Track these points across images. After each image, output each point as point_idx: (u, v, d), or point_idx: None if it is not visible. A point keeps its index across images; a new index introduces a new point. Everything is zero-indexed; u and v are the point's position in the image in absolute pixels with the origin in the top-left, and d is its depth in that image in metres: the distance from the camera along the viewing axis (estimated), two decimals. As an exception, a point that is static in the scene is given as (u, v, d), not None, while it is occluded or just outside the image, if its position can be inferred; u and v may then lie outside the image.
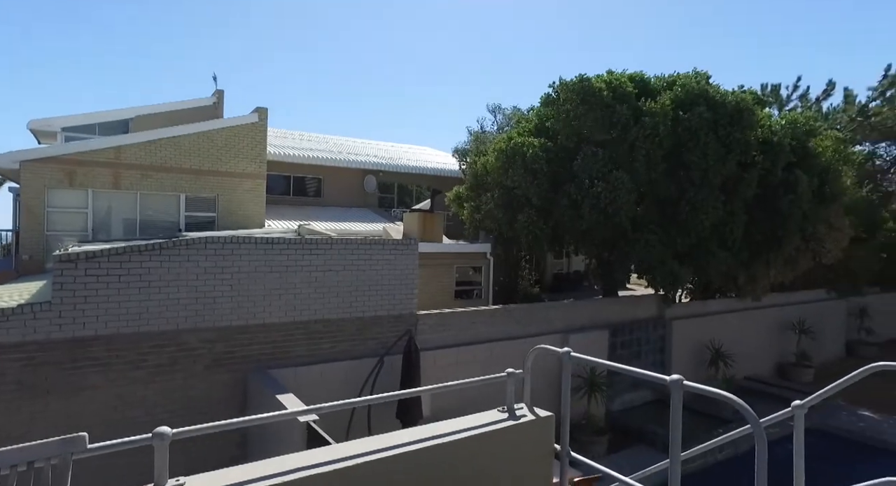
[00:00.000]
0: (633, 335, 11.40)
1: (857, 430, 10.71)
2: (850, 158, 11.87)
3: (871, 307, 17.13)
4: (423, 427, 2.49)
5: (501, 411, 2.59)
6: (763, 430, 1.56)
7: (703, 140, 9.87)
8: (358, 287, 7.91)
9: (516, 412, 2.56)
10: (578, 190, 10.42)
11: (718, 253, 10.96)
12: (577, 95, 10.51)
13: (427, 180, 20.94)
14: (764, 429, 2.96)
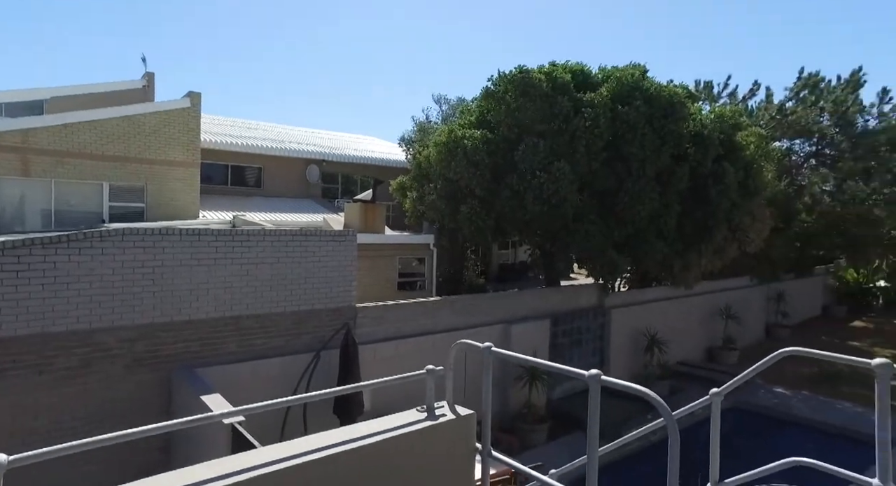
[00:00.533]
0: (574, 324, 11.66)
1: (771, 406, 11.47)
2: (770, 154, 12.59)
3: (787, 292, 18.37)
4: (343, 429, 2.36)
5: (420, 410, 2.48)
6: (675, 422, 1.51)
7: (640, 132, 10.15)
8: (293, 280, 7.62)
9: (436, 412, 2.46)
10: (521, 181, 10.48)
11: (655, 243, 11.36)
12: (517, 86, 10.55)
13: (373, 171, 20.60)
14: (690, 412, 3.02)
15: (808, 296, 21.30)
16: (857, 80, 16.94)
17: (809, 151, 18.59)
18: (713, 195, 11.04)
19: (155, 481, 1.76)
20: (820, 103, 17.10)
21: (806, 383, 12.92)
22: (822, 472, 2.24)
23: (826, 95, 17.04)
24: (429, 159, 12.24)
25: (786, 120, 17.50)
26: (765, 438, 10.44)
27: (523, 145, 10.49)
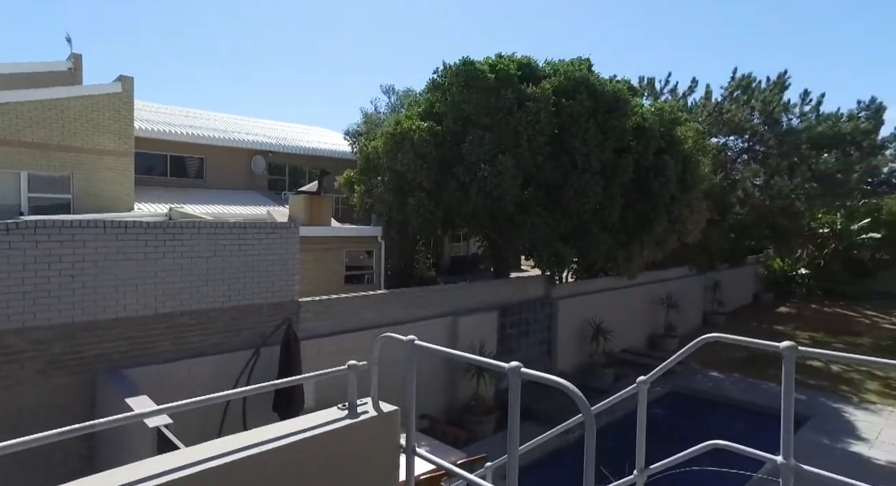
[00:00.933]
0: (522, 315, 11.80)
1: (706, 389, 12.06)
2: (706, 148, 13.14)
3: (723, 281, 19.36)
4: (263, 429, 2.25)
5: (342, 408, 2.38)
6: (592, 417, 1.48)
7: (583, 126, 10.32)
8: (231, 274, 7.30)
9: (357, 409, 2.36)
10: (467, 173, 10.48)
11: (599, 234, 11.62)
12: (462, 78, 10.52)
13: (322, 162, 20.10)
14: (624, 398, 3.04)
15: (741, 284, 22.51)
16: (783, 82, 17.94)
17: (742, 147, 19.55)
18: (655, 188, 11.40)
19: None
20: (751, 103, 18.00)
21: (737, 366, 13.64)
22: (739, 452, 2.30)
23: (756, 95, 17.95)
24: (377, 151, 12.05)
25: (721, 117, 18.33)
26: (700, 419, 10.96)
27: (469, 138, 10.48)
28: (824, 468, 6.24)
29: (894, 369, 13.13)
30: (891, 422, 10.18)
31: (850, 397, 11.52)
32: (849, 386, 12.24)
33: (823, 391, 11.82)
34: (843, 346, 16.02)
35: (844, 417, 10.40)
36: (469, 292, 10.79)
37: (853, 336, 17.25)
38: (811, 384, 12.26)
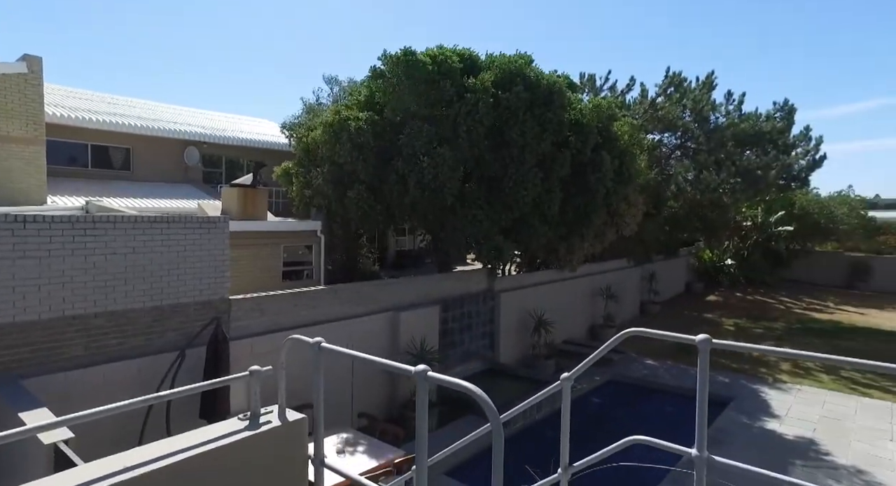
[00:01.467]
0: (464, 309, 11.79)
1: (642, 376, 12.54)
2: (642, 143, 13.59)
3: (658, 272, 20.22)
4: (163, 442, 2.03)
5: (243, 418, 2.19)
6: (501, 426, 1.38)
7: (521, 119, 10.38)
8: (153, 272, 6.81)
9: (260, 419, 2.18)
10: (406, 165, 10.32)
11: (539, 227, 11.77)
12: (402, 68, 10.33)
13: (261, 154, 19.31)
14: (549, 395, 3.00)
15: (675, 275, 23.61)
16: (711, 82, 18.86)
17: (676, 143, 20.42)
18: (592, 182, 11.65)
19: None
20: (683, 101, 18.79)
21: (670, 354, 14.26)
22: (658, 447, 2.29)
23: (688, 94, 18.76)
24: (315, 142, 11.66)
25: (656, 114, 19.04)
26: (636, 406, 11.36)
27: (408, 129, 10.32)
28: (743, 444, 6.57)
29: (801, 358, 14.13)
30: (798, 399, 10.97)
31: (766, 378, 12.31)
32: (766, 368, 13.09)
33: (744, 374, 12.57)
34: (762, 330, 17.12)
35: (761, 397, 11.09)
36: (411, 286, 10.66)
37: (770, 321, 18.48)
38: (734, 368, 13.01)
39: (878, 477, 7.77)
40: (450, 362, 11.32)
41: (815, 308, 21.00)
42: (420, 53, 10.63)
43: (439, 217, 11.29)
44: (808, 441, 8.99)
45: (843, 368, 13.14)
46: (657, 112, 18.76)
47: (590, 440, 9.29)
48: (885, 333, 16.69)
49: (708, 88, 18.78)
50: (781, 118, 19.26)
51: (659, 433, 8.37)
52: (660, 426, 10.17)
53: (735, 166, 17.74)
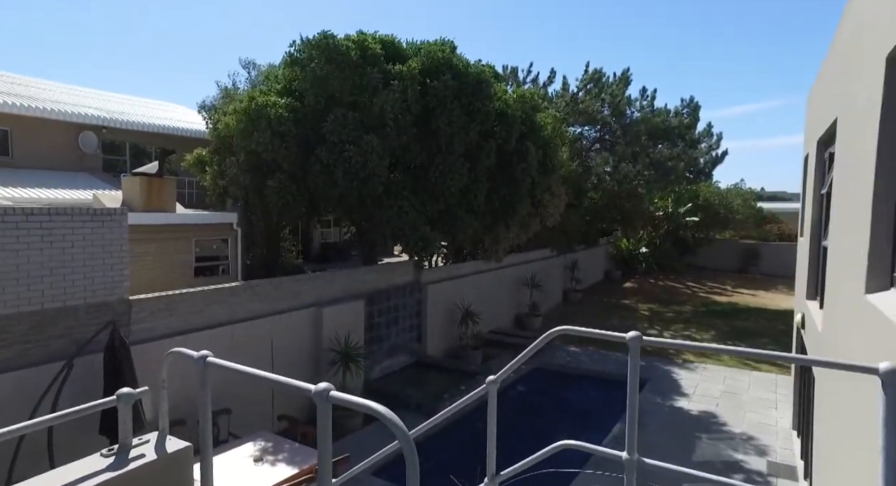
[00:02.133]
0: (390, 302, 11.55)
1: (566, 363, 12.95)
2: (564, 135, 13.93)
3: (580, 261, 21.01)
4: None
5: (107, 453, 1.81)
6: (414, 448, 1.16)
7: (449, 107, 10.24)
8: (31, 272, 5.99)
9: (131, 453, 1.80)
10: (330, 155, 9.86)
11: (466, 218, 11.72)
12: (323, 53, 9.83)
13: (173, 142, 17.81)
14: (469, 400, 2.85)
15: (595, 263, 24.67)
16: (627, 78, 19.74)
17: (595, 136, 21.22)
18: (517, 172, 11.76)
19: None
20: (602, 95, 19.54)
21: (592, 340, 14.83)
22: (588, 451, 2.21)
23: (606, 89, 19.53)
24: (228, 128, 10.85)
25: (577, 108, 19.67)
26: (562, 392, 11.70)
27: (332, 117, 9.85)
28: (659, 424, 6.81)
29: (722, 353, 15.19)
30: (704, 377, 11.83)
31: (675, 359, 13.14)
32: (674, 349, 13.96)
33: (658, 357, 13.34)
34: (673, 314, 18.30)
35: (672, 377, 11.82)
36: (334, 280, 10.25)
37: (679, 305, 19.81)
38: (649, 351, 13.76)
39: (764, 441, 8.59)
40: (376, 356, 11.06)
41: (717, 292, 22.78)
42: (340, 38, 10.17)
43: (366, 208, 10.93)
44: (712, 415, 9.68)
45: (740, 346, 14.31)
46: (578, 106, 19.37)
47: (518, 430, 9.42)
48: (771, 311, 18.43)
49: (624, 84, 19.64)
50: (688, 115, 20.57)
51: (584, 417, 8.61)
52: (585, 411, 10.55)
53: (649, 158, 18.73)
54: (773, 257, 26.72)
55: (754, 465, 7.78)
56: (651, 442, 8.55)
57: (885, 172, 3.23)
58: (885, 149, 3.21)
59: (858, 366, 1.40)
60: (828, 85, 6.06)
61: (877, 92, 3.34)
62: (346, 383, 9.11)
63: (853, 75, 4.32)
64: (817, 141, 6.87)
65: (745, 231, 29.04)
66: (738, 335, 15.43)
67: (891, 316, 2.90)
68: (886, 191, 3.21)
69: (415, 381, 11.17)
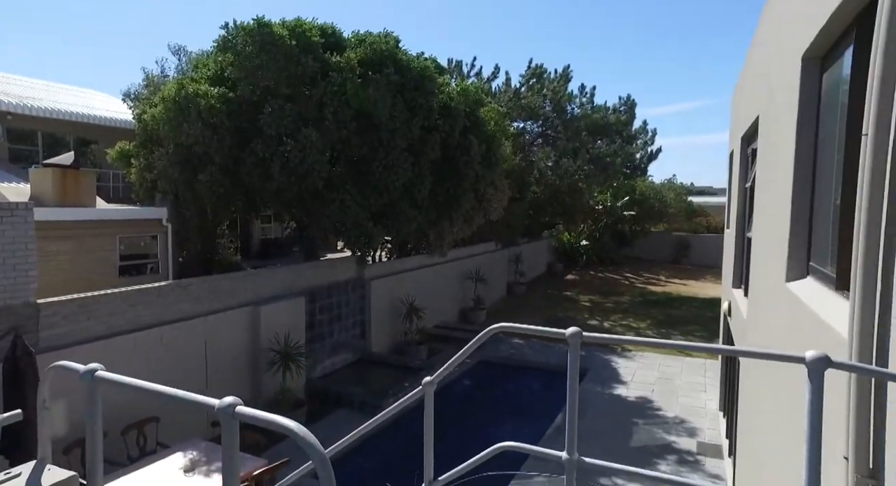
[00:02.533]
0: (333, 299, 11.27)
1: (509, 355, 13.13)
2: (506, 129, 14.05)
3: (523, 254, 21.38)
4: None
5: None
6: (329, 467, 1.04)
7: (390, 102, 10.04)
8: (-80, 275, 5.34)
9: None
10: (266, 148, 9.45)
11: (409, 212, 11.59)
12: (257, 40, 9.37)
13: (93, 132, 16.55)
14: (405, 401, 2.73)
15: (539, 256, 25.19)
16: (567, 74, 20.20)
17: (538, 131, 21.60)
18: (461, 166, 11.74)
19: None
20: (543, 91, 19.88)
21: (535, 331, 15.13)
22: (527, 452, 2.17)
23: (547, 85, 19.89)
24: (156, 119, 10.16)
25: (520, 103, 19.92)
26: (506, 385, 11.84)
27: (268, 108, 9.42)
28: (598, 412, 6.98)
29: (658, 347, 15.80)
30: (641, 365, 12.33)
31: (615, 348, 13.62)
32: (616, 339, 14.49)
33: (598, 346, 13.76)
34: (612, 305, 18.99)
35: (612, 365, 12.25)
36: (273, 277, 9.86)
37: (618, 296, 20.59)
38: (590, 342, 14.19)
39: (694, 424, 9.06)
40: (318, 355, 10.77)
41: (652, 282, 23.85)
42: (275, 25, 9.73)
43: (306, 203, 10.57)
44: (648, 401, 10.10)
45: (673, 333, 15.05)
46: (521, 101, 19.62)
47: (464, 425, 9.45)
48: (701, 300, 19.51)
49: (565, 81, 20.08)
50: (625, 112, 21.32)
51: (528, 408, 8.69)
52: (529, 402, 10.73)
53: (589, 154, 19.25)
54: (702, 248, 28.27)
55: (685, 446, 8.17)
56: (592, 429, 8.80)
57: (801, 168, 3.40)
58: (802, 146, 3.37)
59: (787, 355, 1.41)
60: (749, 84, 6.38)
61: (794, 90, 3.50)
62: (286, 383, 8.80)
63: (772, 75, 4.54)
64: (741, 138, 7.24)
65: (678, 224, 30.55)
66: (672, 323, 16.20)
67: (807, 302, 3.05)
68: (803, 186, 3.38)
69: (359, 378, 10.97)
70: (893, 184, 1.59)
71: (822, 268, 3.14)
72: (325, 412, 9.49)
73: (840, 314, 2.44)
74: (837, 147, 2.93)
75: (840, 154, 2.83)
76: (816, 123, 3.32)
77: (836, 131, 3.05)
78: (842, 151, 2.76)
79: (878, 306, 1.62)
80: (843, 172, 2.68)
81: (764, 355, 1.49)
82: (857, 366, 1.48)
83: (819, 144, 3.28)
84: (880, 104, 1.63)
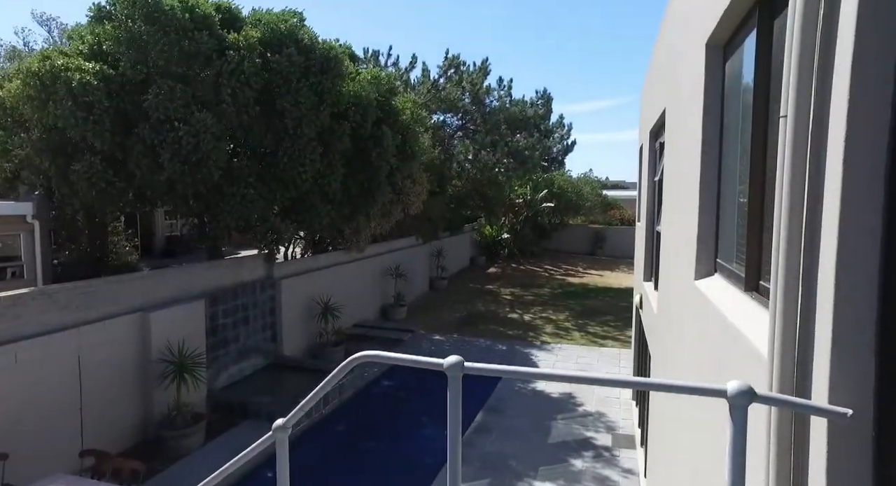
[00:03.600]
0: (238, 301, 10.39)
1: (430, 354, 12.77)
2: (423, 121, 13.67)
3: (445, 249, 21.19)
4: None
5: None
6: None
7: (294, 85, 9.33)
8: None
9: None
10: (156, 133, 8.43)
11: (321, 206, 10.94)
12: (142, 11, 8.31)
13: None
14: None
15: (461, 250, 25.15)
16: (486, 67, 20.15)
17: (458, 124, 21.44)
18: (374, 158, 11.23)
19: None
20: (462, 84, 19.71)
21: (457, 327, 14.97)
22: None
23: (466, 77, 19.73)
24: (13, 95, 8.75)
25: (439, 95, 19.63)
26: (426, 385, 11.49)
27: (155, 89, 8.39)
28: (518, 409, 6.77)
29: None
30: (560, 357, 12.51)
31: (534, 341, 13.77)
32: (534, 332, 14.65)
33: (518, 340, 13.86)
34: (533, 297, 19.29)
35: (531, 359, 12.31)
36: (163, 280, 8.86)
37: (538, 288, 20.98)
38: (510, 335, 14.25)
39: (611, 416, 9.23)
40: (223, 362, 9.89)
41: (571, 273, 24.59)
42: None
43: (203, 196, 9.60)
44: (567, 395, 10.19)
45: (590, 324, 15.49)
46: (440, 93, 19.33)
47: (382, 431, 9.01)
48: (614, 290, 20.34)
49: (483, 73, 20.00)
50: (542, 105, 21.66)
51: (444, 407, 8.34)
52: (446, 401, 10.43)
53: (507, 147, 19.34)
54: (617, 239, 29.59)
55: (602, 441, 8.26)
56: (512, 427, 8.70)
57: (708, 160, 3.28)
58: (708, 137, 3.26)
59: (709, 389, 1.13)
60: (657, 76, 6.42)
61: (699, 80, 3.38)
62: (181, 397, 7.91)
63: (678, 65, 4.48)
64: (650, 131, 7.33)
65: (594, 217, 31.77)
66: (589, 314, 16.67)
67: (716, 302, 2.93)
68: (710, 178, 3.27)
69: (268, 385, 10.22)
70: (814, 169, 1.35)
71: (729, 265, 3.04)
72: (228, 425, 8.69)
73: (749, 317, 2.30)
74: (741, 136, 2.81)
75: (743, 143, 2.71)
76: (721, 112, 3.21)
77: (738, 121, 2.94)
78: (746, 140, 2.63)
79: (799, 316, 1.39)
80: (750, 163, 2.54)
81: (686, 389, 1.21)
82: (785, 400, 1.23)
83: (724, 133, 3.17)
84: (799, 83, 1.39)
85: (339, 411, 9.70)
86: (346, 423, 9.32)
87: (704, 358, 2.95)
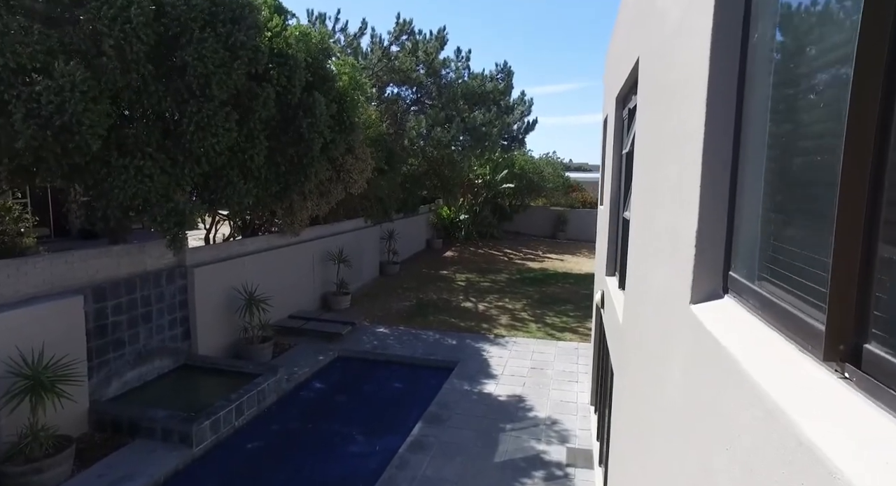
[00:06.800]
0: (136, 294, 8.78)
1: (370, 348, 11.53)
2: (364, 88, 12.11)
3: (398, 231, 19.77)
4: None
5: None
6: None
7: (197, 36, 7.67)
8: None
9: None
10: (4, 86, 6.67)
11: (240, 184, 9.40)
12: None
13: None
14: None
15: (416, 232, 23.78)
16: (443, 37, 18.56)
17: (413, 98, 19.87)
18: (304, 128, 9.70)
19: None
20: (417, 53, 18.10)
21: (404, 318, 13.70)
22: None
23: (421, 46, 18.12)
24: None
25: (392, 64, 17.99)
26: (362, 384, 10.25)
27: (1, 24, 6.60)
28: (461, 418, 5.26)
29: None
30: (513, 353, 11.40)
31: (487, 334, 12.62)
32: (487, 323, 13.51)
33: (469, 332, 12.69)
34: (489, 283, 18.19)
35: (482, 356, 11.17)
36: (24, 270, 7.19)
37: (496, 273, 19.89)
38: (462, 327, 13.08)
39: (566, 425, 8.19)
40: (115, 367, 8.33)
41: (531, 258, 23.63)
42: None
43: (81, 170, 7.88)
44: (519, 398, 9.11)
45: (548, 314, 14.48)
46: (393, 62, 17.70)
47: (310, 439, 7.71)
48: (574, 275, 19.47)
49: (440, 44, 18.44)
50: (502, 80, 20.27)
51: (383, 415, 6.94)
52: (385, 407, 9.20)
53: (464, 123, 17.94)
54: (579, 222, 28.83)
55: (555, 456, 7.20)
56: (454, 442, 7.54)
57: (717, 112, 2.03)
58: (721, 65, 2.00)
59: None
60: (625, 28, 5.18)
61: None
62: (39, 420, 6.34)
63: None
64: (615, 98, 6.12)
65: (556, 199, 30.89)
66: (548, 302, 15.69)
67: (712, 329, 1.75)
68: (720, 143, 2.03)
69: (171, 394, 8.72)
70: None
71: (744, 279, 1.83)
72: (113, 447, 7.20)
73: (831, 413, 1.10)
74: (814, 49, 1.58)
75: (817, 63, 1.48)
76: (745, 32, 1.96)
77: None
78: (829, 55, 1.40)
79: None
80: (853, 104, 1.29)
81: None
82: None
83: (753, 55, 1.91)
84: None
85: (255, 422, 8.33)
86: (262, 438, 7.97)
87: (719, 461, 1.72)
